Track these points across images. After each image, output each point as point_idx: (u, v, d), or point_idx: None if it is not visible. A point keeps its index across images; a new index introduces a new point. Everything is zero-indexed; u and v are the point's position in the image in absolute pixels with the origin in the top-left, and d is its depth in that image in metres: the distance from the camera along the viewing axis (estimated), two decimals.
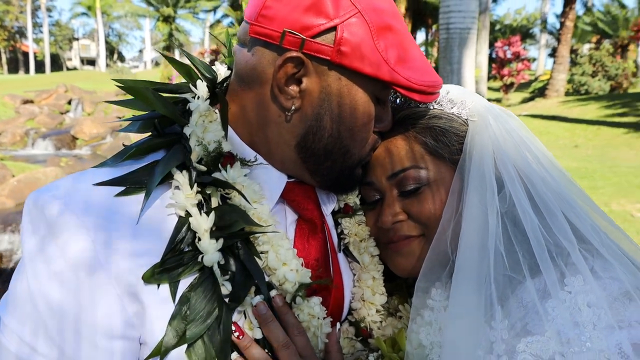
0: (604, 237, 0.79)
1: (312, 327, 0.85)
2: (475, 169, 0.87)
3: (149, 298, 0.73)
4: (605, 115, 13.98)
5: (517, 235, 0.79)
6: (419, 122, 0.95)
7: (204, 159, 0.83)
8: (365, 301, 0.98)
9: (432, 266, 0.85)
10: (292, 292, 0.83)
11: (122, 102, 0.87)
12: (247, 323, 0.80)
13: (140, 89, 0.80)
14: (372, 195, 0.99)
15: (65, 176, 0.83)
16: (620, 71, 18.54)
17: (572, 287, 0.72)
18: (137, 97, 0.82)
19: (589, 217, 0.82)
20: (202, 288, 0.75)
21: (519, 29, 36.99)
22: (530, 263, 0.76)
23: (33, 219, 0.75)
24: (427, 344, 0.81)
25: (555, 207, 0.81)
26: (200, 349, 0.74)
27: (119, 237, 0.74)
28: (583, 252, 0.76)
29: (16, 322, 0.73)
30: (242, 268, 0.79)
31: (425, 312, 0.83)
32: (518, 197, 0.82)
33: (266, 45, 0.81)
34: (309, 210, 0.93)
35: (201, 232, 0.77)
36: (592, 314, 0.69)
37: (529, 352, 0.68)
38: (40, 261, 0.72)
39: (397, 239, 0.94)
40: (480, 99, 0.98)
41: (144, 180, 0.78)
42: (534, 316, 0.72)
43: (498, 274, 0.76)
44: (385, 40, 0.81)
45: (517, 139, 0.90)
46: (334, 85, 0.82)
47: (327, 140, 0.85)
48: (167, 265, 0.75)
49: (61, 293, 0.71)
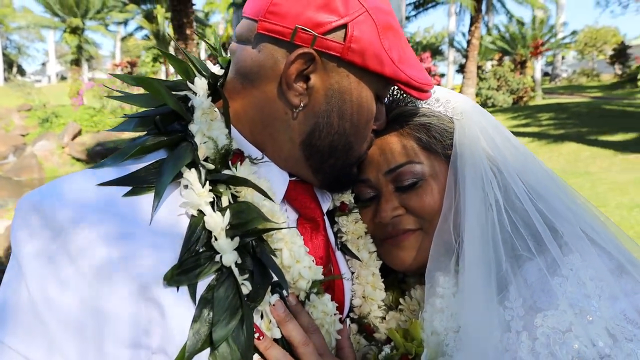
0: (589, 221, 0.87)
1: (325, 324, 0.84)
2: (470, 162, 0.92)
3: (168, 301, 0.69)
4: (510, 126, 15.17)
5: (518, 220, 0.84)
6: (412, 119, 0.98)
7: (210, 157, 0.80)
8: (366, 297, 1.00)
9: (438, 256, 0.88)
10: (306, 289, 0.83)
11: (126, 97, 0.82)
12: (264, 323, 0.78)
13: (153, 82, 0.76)
14: (367, 193, 1.01)
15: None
16: (521, 85, 20.27)
17: (572, 265, 0.78)
18: (149, 90, 0.78)
19: (574, 203, 0.89)
20: (223, 288, 0.73)
21: (429, 46, 39.22)
22: (533, 244, 0.81)
23: (31, 224, 0.68)
24: (441, 331, 0.84)
25: (545, 194, 0.87)
26: (226, 351, 0.71)
27: (132, 239, 0.69)
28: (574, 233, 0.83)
29: (17, 339, 0.65)
30: (259, 266, 0.77)
31: (436, 300, 0.86)
32: (515, 186, 0.87)
33: (275, 41, 0.81)
34: (310, 209, 0.93)
35: (217, 231, 0.75)
36: (595, 286, 0.75)
37: (547, 325, 0.73)
38: (43, 268, 0.66)
39: (396, 233, 0.97)
40: (464, 98, 1.04)
41: (151, 180, 0.75)
42: (540, 294, 0.78)
43: (507, 256, 0.81)
44: (389, 39, 0.83)
45: (506, 133, 0.97)
46: (342, 82, 0.83)
47: (333, 137, 0.86)
48: (185, 267, 0.71)
49: (71, 301, 0.65)
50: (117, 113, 20.36)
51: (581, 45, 39.50)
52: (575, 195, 0.93)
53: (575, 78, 34.73)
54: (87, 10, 27.51)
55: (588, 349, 0.68)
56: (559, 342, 0.70)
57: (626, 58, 27.96)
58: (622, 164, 9.48)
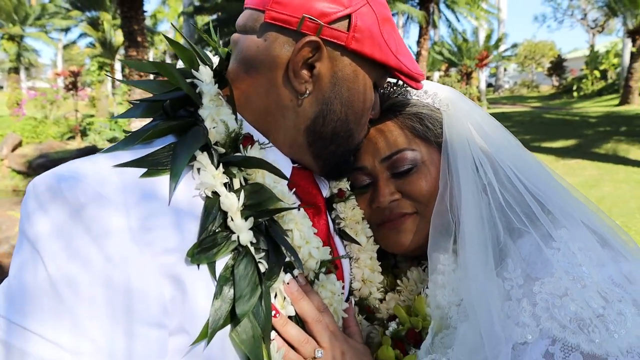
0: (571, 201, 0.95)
1: (334, 303, 0.87)
2: (460, 148, 0.98)
3: (190, 279, 0.70)
4: None
5: (511, 198, 0.90)
6: (405, 109, 1.03)
7: (220, 141, 0.82)
8: (365, 280, 1.03)
9: (436, 236, 0.93)
10: (316, 269, 0.85)
11: (137, 83, 0.82)
12: (278, 301, 0.80)
13: (168, 67, 0.77)
14: (363, 180, 1.05)
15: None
16: (467, 95, 21.08)
17: (562, 238, 0.85)
18: (163, 73, 0.78)
19: (557, 184, 0.97)
20: (242, 266, 0.74)
21: None
22: (527, 220, 0.87)
23: (47, 204, 0.67)
24: (444, 305, 0.88)
25: (532, 175, 0.94)
26: (247, 326, 0.72)
27: (153, 218, 0.70)
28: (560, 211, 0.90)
29: (41, 323, 0.63)
30: (273, 246, 0.79)
31: (437, 277, 0.91)
32: (505, 168, 0.94)
33: (282, 30, 0.83)
34: (312, 195, 0.96)
35: (233, 212, 0.76)
36: (584, 255, 0.82)
37: (545, 291, 0.78)
38: (63, 248, 0.65)
39: (393, 217, 1.01)
40: (450, 89, 1.10)
41: (165, 162, 0.75)
42: (536, 265, 0.84)
43: (504, 229, 0.86)
44: (387, 31, 0.88)
45: (492, 121, 1.04)
46: (345, 70, 0.87)
47: (336, 124, 0.89)
48: (203, 246, 0.72)
49: (95, 281, 0.64)
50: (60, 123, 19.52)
51: (521, 58, 41.68)
52: (557, 178, 1.01)
53: (517, 89, 36.55)
54: (27, 16, 26.31)
55: (584, 310, 0.75)
56: (557, 305, 0.76)
57: (562, 70, 29.73)
58: (564, 169, 10.05)
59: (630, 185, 8.87)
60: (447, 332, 0.87)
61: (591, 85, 25.36)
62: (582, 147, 12.05)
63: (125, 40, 10.07)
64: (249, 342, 0.72)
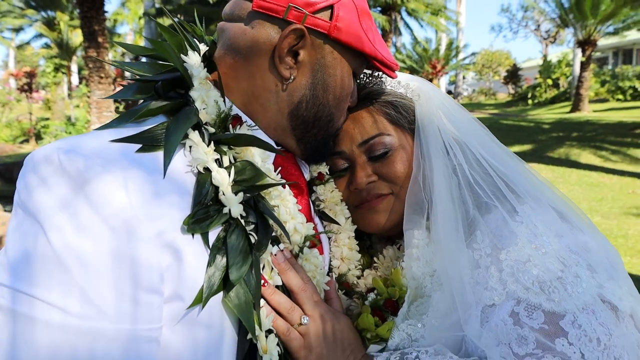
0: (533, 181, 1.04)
1: (317, 276, 0.92)
2: (431, 133, 1.06)
3: (185, 248, 0.74)
4: None
5: (479, 177, 0.98)
6: (380, 97, 1.10)
7: (210, 121, 0.86)
8: (344, 258, 1.09)
9: (411, 214, 1.00)
10: (300, 243, 0.90)
11: (129, 64, 0.85)
12: (266, 272, 0.85)
13: (166, 46, 0.81)
14: (341, 164, 1.11)
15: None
16: None
17: (523, 212, 0.93)
18: (163, 54, 0.82)
19: (520, 165, 1.06)
20: (234, 236, 0.78)
21: None
22: (494, 196, 0.95)
23: (46, 175, 0.69)
24: (419, 275, 0.95)
25: (498, 157, 1.03)
26: (239, 292, 0.77)
27: (151, 189, 0.73)
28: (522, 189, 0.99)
29: (47, 290, 0.65)
30: (261, 219, 0.84)
31: (412, 251, 0.97)
32: (473, 150, 1.02)
33: (268, 18, 0.88)
34: (295, 176, 1.01)
35: (224, 186, 0.80)
36: (545, 227, 0.90)
37: (510, 258, 0.86)
38: (65, 218, 0.67)
39: (370, 198, 1.07)
40: (421, 80, 1.18)
41: (159, 139, 0.79)
42: (500, 237, 0.92)
43: (473, 205, 0.94)
44: (366, 22, 0.95)
45: (460, 109, 1.12)
46: (327, 57, 0.92)
47: (318, 109, 0.95)
48: (197, 217, 0.76)
49: (96, 249, 0.67)
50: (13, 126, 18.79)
51: (479, 67, 43.06)
52: (519, 160, 1.10)
53: (475, 96, 37.70)
54: None
55: (545, 274, 0.83)
56: (521, 270, 0.84)
57: (518, 79, 30.87)
58: None
59: (582, 188, 9.34)
60: (422, 300, 0.94)
61: (544, 93, 26.46)
62: (537, 152, 12.58)
63: (85, 40, 9.81)
64: (241, 307, 0.76)
